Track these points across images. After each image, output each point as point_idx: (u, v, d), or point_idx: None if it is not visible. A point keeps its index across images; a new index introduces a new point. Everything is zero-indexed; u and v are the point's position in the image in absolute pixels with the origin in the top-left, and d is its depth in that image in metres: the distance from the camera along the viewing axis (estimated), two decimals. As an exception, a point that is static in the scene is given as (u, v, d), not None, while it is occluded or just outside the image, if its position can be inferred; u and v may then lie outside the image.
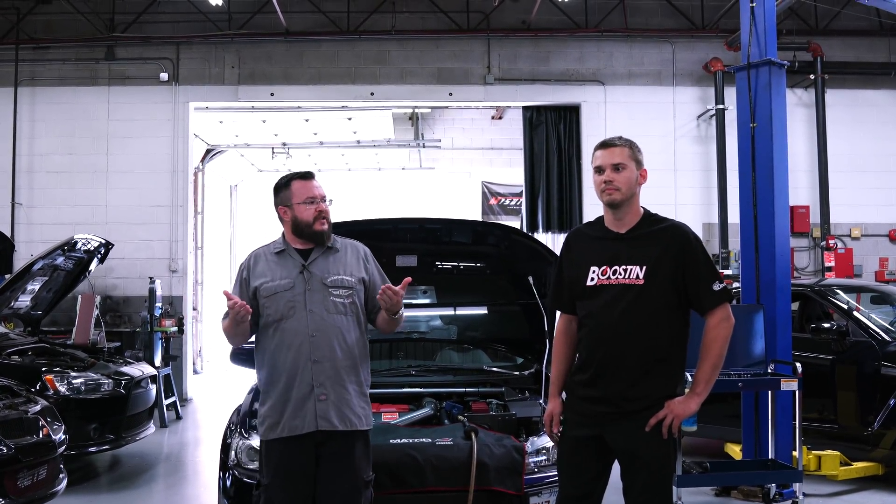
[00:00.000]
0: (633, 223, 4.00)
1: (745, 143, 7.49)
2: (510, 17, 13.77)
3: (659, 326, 3.87)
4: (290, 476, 4.16)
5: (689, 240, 3.93)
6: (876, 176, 13.68)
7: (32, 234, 13.12)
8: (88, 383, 7.95)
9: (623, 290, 3.89)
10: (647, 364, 3.85)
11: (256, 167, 20.78)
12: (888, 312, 8.74)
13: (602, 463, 3.95)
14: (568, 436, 4.05)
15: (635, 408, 3.83)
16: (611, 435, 3.88)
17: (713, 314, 3.87)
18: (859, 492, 7.45)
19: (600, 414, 3.91)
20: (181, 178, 13.42)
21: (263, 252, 4.45)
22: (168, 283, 13.07)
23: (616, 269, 3.92)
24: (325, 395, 4.15)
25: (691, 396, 3.83)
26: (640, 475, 3.83)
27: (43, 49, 13.46)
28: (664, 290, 3.86)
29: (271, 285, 4.29)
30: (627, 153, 3.99)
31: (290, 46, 13.62)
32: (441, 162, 19.82)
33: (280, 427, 4.18)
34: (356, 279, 4.34)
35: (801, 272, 13.37)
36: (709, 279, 3.88)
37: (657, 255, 3.88)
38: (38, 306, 9.70)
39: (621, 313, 3.89)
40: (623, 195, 3.95)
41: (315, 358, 4.17)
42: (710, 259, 3.97)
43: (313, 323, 4.21)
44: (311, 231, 4.32)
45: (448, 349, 6.64)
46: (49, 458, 5.85)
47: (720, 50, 13.48)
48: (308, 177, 4.41)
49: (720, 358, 3.87)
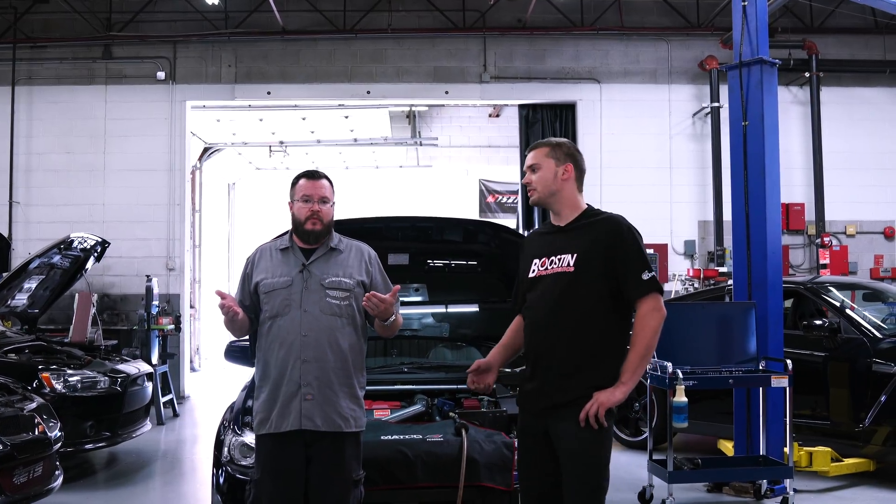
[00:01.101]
0: (571, 217, 4.05)
1: (737, 141, 7.53)
2: (506, 16, 13.81)
3: (591, 318, 3.87)
4: (278, 473, 4.19)
5: (621, 230, 3.93)
6: (871, 173, 13.72)
7: (30, 232, 13.16)
8: (84, 381, 8.00)
9: (555, 278, 3.94)
10: (578, 356, 3.86)
11: (254, 165, 20.83)
12: (881, 309, 8.77)
13: (556, 462, 3.92)
14: (520, 432, 4.12)
15: (565, 399, 3.84)
16: (551, 428, 3.89)
17: (642, 303, 3.84)
18: (850, 488, 7.50)
19: (539, 408, 3.95)
20: (178, 177, 13.46)
21: (270, 247, 4.49)
22: (165, 281, 13.11)
23: (552, 259, 3.99)
24: (311, 395, 4.17)
25: (617, 386, 3.78)
26: (571, 468, 3.82)
27: (40, 48, 13.51)
28: (594, 280, 3.87)
29: (270, 282, 4.32)
30: (543, 153, 4.08)
31: (287, 45, 13.66)
32: (438, 160, 19.85)
33: (269, 423, 4.22)
34: (355, 281, 4.34)
35: (796, 269, 13.42)
36: (637, 268, 3.86)
37: (588, 244, 3.91)
38: (34, 304, 9.73)
39: (553, 303, 3.94)
40: (540, 194, 4.07)
41: (304, 357, 4.20)
42: (641, 249, 3.93)
43: (306, 322, 4.23)
44: (302, 229, 4.34)
45: (440, 346, 6.67)
46: (45, 455, 5.91)
47: (715, 48, 13.52)
48: (315, 176, 4.41)
49: (647, 349, 3.84)
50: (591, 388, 3.80)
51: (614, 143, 13.50)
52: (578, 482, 3.81)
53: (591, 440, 3.79)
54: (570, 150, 4.11)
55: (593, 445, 3.81)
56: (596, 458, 3.83)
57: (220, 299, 4.17)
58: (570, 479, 3.83)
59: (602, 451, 3.85)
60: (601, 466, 3.85)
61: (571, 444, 3.82)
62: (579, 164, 4.10)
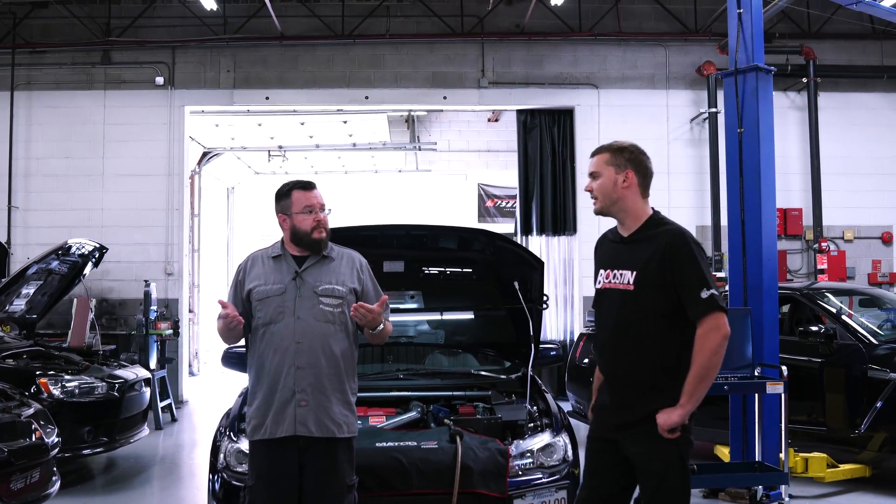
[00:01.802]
0: (633, 228, 3.95)
1: (732, 147, 7.54)
2: (504, 21, 13.83)
3: (652, 336, 3.79)
4: (272, 479, 4.23)
5: (677, 244, 3.78)
6: (868, 179, 13.73)
7: (28, 237, 13.17)
8: (82, 386, 8.02)
9: (618, 295, 3.88)
10: (641, 374, 3.80)
11: (253, 170, 20.83)
12: (877, 316, 8.79)
13: (622, 468, 3.88)
14: (590, 437, 4.09)
15: (629, 419, 3.81)
16: (622, 443, 3.86)
17: (700, 324, 3.70)
18: (846, 494, 7.50)
19: (607, 423, 3.94)
20: (177, 182, 13.47)
21: (261, 255, 4.54)
22: (164, 286, 13.11)
23: (615, 273, 3.91)
24: (305, 401, 4.22)
25: (675, 409, 3.69)
26: (643, 488, 3.81)
27: (39, 53, 13.51)
28: (654, 298, 3.77)
29: (263, 289, 4.37)
30: (603, 159, 3.96)
31: (285, 50, 13.68)
32: (437, 164, 19.86)
33: (263, 429, 4.26)
34: (347, 289, 4.40)
35: (794, 274, 13.42)
36: (695, 288, 3.71)
37: (645, 259, 3.81)
38: (33, 310, 9.75)
39: (613, 323, 3.89)
40: (601, 203, 3.97)
41: (299, 364, 4.24)
42: (699, 266, 3.75)
43: (300, 329, 4.27)
44: (309, 240, 4.40)
45: (436, 353, 6.70)
46: (42, 461, 5.93)
47: (713, 53, 13.53)
48: (308, 186, 4.48)
49: (705, 370, 3.69)
50: (652, 410, 3.73)
51: (612, 148, 13.46)
52: (649, 495, 3.79)
53: (662, 464, 3.75)
54: (631, 155, 3.96)
55: (665, 469, 3.76)
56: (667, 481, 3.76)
57: (222, 308, 4.21)
58: (643, 491, 3.82)
59: (674, 474, 3.77)
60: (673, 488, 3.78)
61: (639, 463, 3.81)
62: (642, 171, 3.96)
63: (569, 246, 13.81)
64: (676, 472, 3.77)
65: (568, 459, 5.04)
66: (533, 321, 5.81)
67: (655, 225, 3.93)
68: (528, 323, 5.78)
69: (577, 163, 13.44)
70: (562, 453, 5.05)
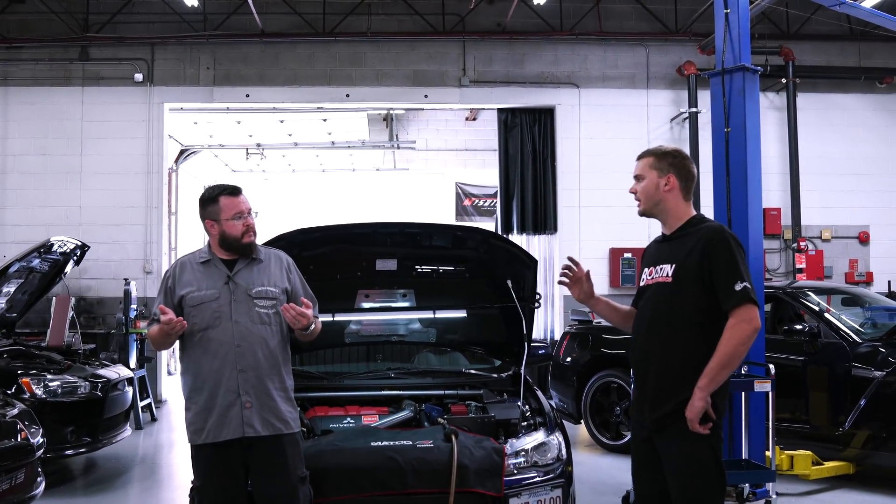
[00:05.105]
0: (675, 227, 4.09)
1: (719, 147, 7.56)
2: (485, 20, 13.84)
3: (686, 331, 3.87)
4: (219, 478, 4.30)
5: (715, 239, 3.89)
6: (846, 179, 13.89)
7: (5, 235, 13.04)
8: (65, 386, 7.92)
9: (657, 288, 4.00)
10: (672, 369, 3.86)
11: (230, 168, 20.69)
12: (858, 314, 8.86)
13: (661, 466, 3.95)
14: (633, 436, 4.20)
15: (659, 414, 3.87)
16: (655, 438, 3.93)
17: (732, 314, 3.76)
18: (831, 490, 7.58)
19: (640, 417, 4.03)
20: (155, 180, 13.39)
21: (189, 260, 4.56)
22: (143, 285, 13.02)
23: (657, 269, 4.05)
24: (250, 402, 4.27)
25: (694, 392, 3.74)
26: (672, 482, 3.86)
27: (16, 49, 13.38)
28: (693, 291, 3.86)
29: (197, 295, 4.38)
30: (647, 163, 4.14)
31: (266, 48, 13.61)
32: (415, 163, 19.80)
33: (205, 433, 4.29)
34: (280, 289, 4.46)
35: (772, 274, 13.53)
36: (729, 279, 3.79)
37: (685, 253, 3.93)
38: (13, 309, 9.62)
39: (650, 315, 3.99)
40: (644, 205, 4.13)
41: (240, 367, 4.28)
42: (735, 259, 3.83)
43: (238, 333, 4.31)
44: (239, 245, 4.44)
45: (427, 352, 6.67)
46: (27, 462, 5.85)
47: (693, 53, 13.62)
48: (236, 192, 4.50)
49: (728, 357, 3.72)
50: (682, 404, 3.78)
51: (593, 147, 13.55)
52: (678, 493, 3.84)
53: (693, 458, 3.81)
54: (674, 160, 4.10)
55: (694, 463, 3.81)
56: (698, 476, 3.82)
57: (163, 314, 4.17)
58: (672, 490, 3.86)
59: (705, 468, 3.82)
60: (705, 482, 3.82)
61: (670, 457, 3.87)
62: (684, 175, 4.09)
63: (549, 245, 13.85)
64: (712, 471, 3.83)
65: (562, 458, 5.03)
66: (525, 319, 5.80)
67: (696, 223, 4.07)
68: (521, 321, 5.77)
69: (558, 162, 13.49)
70: (556, 452, 5.04)
